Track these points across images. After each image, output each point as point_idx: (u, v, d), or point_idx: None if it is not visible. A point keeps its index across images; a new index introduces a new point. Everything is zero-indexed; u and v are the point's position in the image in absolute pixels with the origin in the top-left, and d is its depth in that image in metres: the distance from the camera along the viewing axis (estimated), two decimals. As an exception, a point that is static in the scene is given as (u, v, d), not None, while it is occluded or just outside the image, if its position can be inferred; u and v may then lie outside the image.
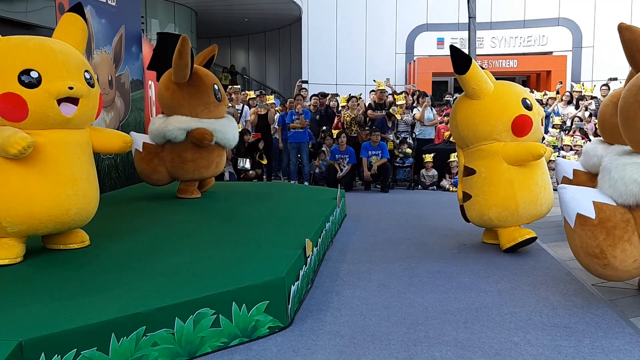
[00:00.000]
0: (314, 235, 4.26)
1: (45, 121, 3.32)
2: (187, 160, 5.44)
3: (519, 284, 3.96)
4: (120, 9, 6.83)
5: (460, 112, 4.80)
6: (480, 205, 4.72)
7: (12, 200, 3.28)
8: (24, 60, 3.24)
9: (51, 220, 3.42)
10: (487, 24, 19.05)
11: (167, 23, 16.73)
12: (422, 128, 10.26)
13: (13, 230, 3.36)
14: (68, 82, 3.32)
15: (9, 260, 3.38)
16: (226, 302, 2.87)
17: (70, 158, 3.47)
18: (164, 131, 5.34)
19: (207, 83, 5.48)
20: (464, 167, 4.88)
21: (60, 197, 3.39)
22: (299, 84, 12.62)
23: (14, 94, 3.18)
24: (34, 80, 3.22)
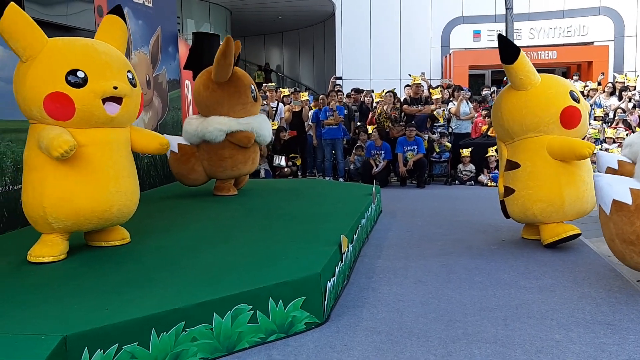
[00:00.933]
0: (350, 232, 4.25)
1: (90, 120, 3.41)
2: (225, 157, 5.51)
3: (561, 280, 3.87)
4: (157, 9, 6.95)
5: (506, 103, 4.65)
6: (524, 200, 4.58)
7: (58, 197, 3.37)
8: (70, 61, 3.34)
9: (95, 217, 3.51)
10: (525, 15, 18.64)
11: (203, 23, 16.95)
12: (458, 122, 10.13)
13: (59, 226, 3.45)
14: (112, 82, 3.41)
15: (53, 258, 3.48)
16: (263, 298, 2.89)
17: (113, 156, 3.57)
18: (204, 132, 5.40)
19: (246, 83, 5.57)
20: (507, 161, 4.73)
21: (104, 194, 3.49)
22: (332, 80, 12.62)
23: (62, 93, 3.28)
24: (81, 80, 3.32)
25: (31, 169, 3.42)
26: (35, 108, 3.32)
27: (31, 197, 3.41)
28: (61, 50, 3.38)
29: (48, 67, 3.30)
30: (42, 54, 3.32)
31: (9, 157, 4.40)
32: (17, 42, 3.26)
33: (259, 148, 5.94)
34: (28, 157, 3.45)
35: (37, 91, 3.29)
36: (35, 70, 3.30)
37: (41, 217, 3.41)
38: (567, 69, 19.41)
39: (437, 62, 19.99)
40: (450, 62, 18.77)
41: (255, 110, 5.73)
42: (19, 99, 3.39)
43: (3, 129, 4.35)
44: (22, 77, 3.34)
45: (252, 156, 5.71)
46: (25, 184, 3.48)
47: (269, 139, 5.87)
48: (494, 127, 5.05)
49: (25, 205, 3.49)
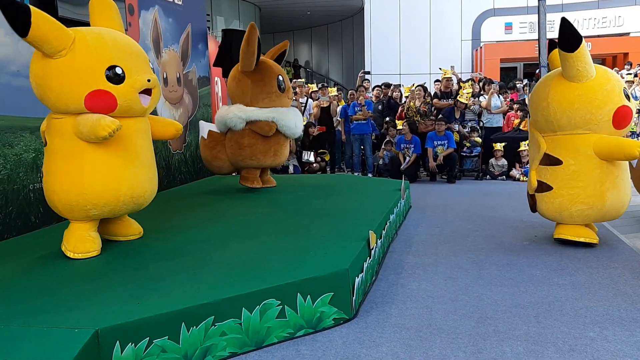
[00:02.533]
0: (378, 227, 4.23)
1: (127, 113, 3.49)
2: (244, 145, 5.54)
3: (595, 277, 3.78)
4: (187, 7, 7.01)
5: (557, 94, 4.30)
6: (563, 200, 4.35)
7: (100, 184, 3.42)
8: (108, 57, 3.36)
9: (132, 202, 3.60)
10: (558, 6, 18.21)
11: (232, 20, 17.06)
12: (489, 116, 9.96)
13: (95, 213, 3.49)
14: (145, 75, 3.49)
15: (96, 252, 3.56)
16: (291, 294, 2.90)
17: (144, 144, 3.69)
18: (225, 118, 5.50)
19: (272, 73, 5.57)
20: (545, 155, 4.45)
21: (140, 180, 3.61)
22: (361, 75, 12.56)
23: (105, 91, 3.33)
24: (120, 76, 3.37)
25: (67, 157, 3.40)
26: (73, 105, 3.33)
27: (67, 184, 3.40)
28: (94, 46, 3.36)
29: (86, 65, 3.30)
30: (74, 51, 3.29)
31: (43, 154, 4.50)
32: (48, 45, 3.22)
33: (287, 142, 5.89)
34: (62, 145, 3.42)
35: (77, 89, 3.30)
36: (72, 68, 3.28)
37: (78, 204, 3.43)
38: (602, 60, 18.90)
39: (467, 55, 19.71)
40: (481, 55, 18.49)
41: (283, 102, 5.67)
42: (51, 96, 3.34)
43: (38, 126, 4.43)
44: (55, 74, 3.29)
45: (275, 148, 5.66)
46: (56, 172, 3.44)
47: (295, 130, 5.73)
48: (533, 116, 4.65)
49: (55, 194, 3.45)
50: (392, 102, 10.65)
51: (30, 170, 4.37)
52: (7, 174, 4.14)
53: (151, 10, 6.22)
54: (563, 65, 4.27)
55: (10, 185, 4.17)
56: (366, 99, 10.03)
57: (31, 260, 3.55)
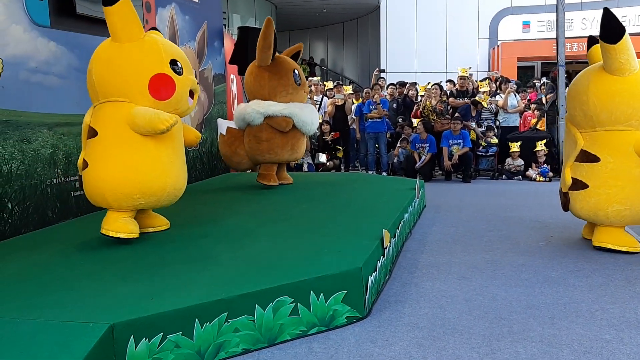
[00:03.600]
0: (392, 226, 4.21)
1: (177, 105, 3.70)
2: (262, 140, 5.57)
3: (612, 279, 3.73)
4: (203, 5, 7.04)
5: (597, 87, 4.13)
6: (599, 199, 4.18)
7: (149, 174, 3.58)
8: (171, 52, 3.69)
9: (173, 194, 3.78)
10: (577, 4, 17.98)
11: (248, 17, 17.10)
12: (505, 115, 9.88)
13: (141, 202, 3.64)
14: (194, 78, 3.83)
15: (137, 235, 3.69)
16: (304, 291, 2.90)
17: (182, 142, 3.92)
18: (244, 114, 5.56)
19: (287, 67, 5.63)
20: (582, 151, 4.27)
21: (182, 174, 3.84)
22: (376, 73, 12.53)
23: (168, 76, 3.59)
24: (179, 69, 3.67)
25: (120, 145, 3.52)
26: (138, 86, 3.53)
27: (120, 172, 3.51)
28: (161, 42, 3.71)
29: (155, 52, 3.60)
30: (143, 41, 3.60)
31: (61, 150, 4.56)
32: (124, 27, 3.51)
33: (303, 137, 5.90)
34: (108, 134, 3.53)
35: (144, 68, 3.55)
36: (142, 51, 3.57)
37: (129, 193, 3.55)
38: (622, 60, 18.62)
39: (484, 54, 19.54)
40: (499, 54, 18.33)
41: (300, 95, 5.73)
42: (118, 78, 3.54)
43: (56, 122, 4.51)
44: (125, 56, 3.54)
45: (292, 142, 5.69)
46: (107, 160, 3.53)
47: (311, 127, 5.76)
48: (570, 110, 4.44)
49: (105, 182, 3.53)
50: (408, 101, 10.61)
51: (47, 165, 4.42)
52: (25, 169, 4.20)
53: (168, 7, 6.26)
54: (605, 58, 4.10)
55: (28, 181, 4.22)
56: (381, 97, 10.00)
57: (48, 254, 3.59)
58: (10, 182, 4.05)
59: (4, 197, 4.00)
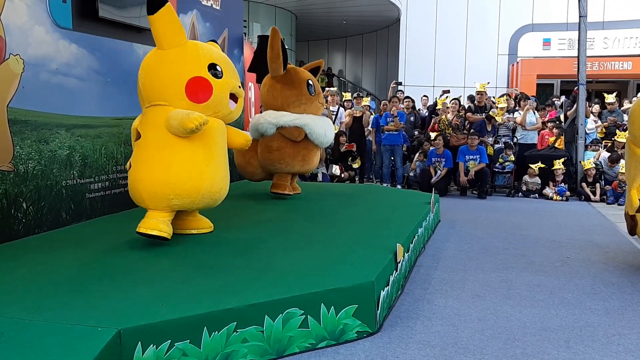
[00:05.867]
0: (406, 240, 4.16)
1: (216, 108, 3.79)
2: (273, 149, 5.57)
3: (629, 303, 3.64)
4: (224, 12, 7.08)
5: None
6: None
7: (185, 175, 3.65)
8: (211, 56, 3.78)
9: (209, 197, 3.81)
10: (599, 23, 17.84)
11: (268, 26, 17.05)
12: (523, 132, 9.78)
13: (176, 203, 3.70)
14: (237, 81, 3.91)
15: (169, 236, 3.72)
16: (315, 303, 2.86)
17: (223, 145, 3.96)
18: (257, 124, 5.57)
19: (301, 77, 5.60)
20: None
21: (218, 177, 3.85)
22: (393, 85, 12.50)
23: (205, 79, 3.69)
24: (219, 73, 3.76)
25: (158, 147, 3.65)
26: (175, 89, 3.64)
27: (155, 173, 3.63)
28: (202, 47, 3.83)
29: (193, 56, 3.72)
30: (184, 47, 3.74)
31: (77, 152, 4.58)
32: (167, 34, 3.68)
33: (316, 149, 5.85)
34: (154, 137, 3.67)
35: (182, 74, 3.66)
36: (181, 56, 3.70)
37: (163, 193, 3.62)
38: (643, 80, 18.43)
39: (503, 70, 19.43)
40: (518, 71, 18.20)
41: (314, 106, 5.66)
42: (156, 82, 3.70)
43: (73, 124, 4.53)
44: (165, 61, 3.69)
45: (303, 153, 5.64)
46: (146, 162, 3.67)
47: (324, 139, 5.68)
48: (634, 132, 4.35)
49: (142, 182, 3.65)
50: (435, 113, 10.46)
51: (63, 166, 4.44)
52: (41, 170, 4.22)
53: (189, 14, 6.30)
54: None
55: (43, 181, 4.24)
56: (399, 109, 9.96)
57: (60, 255, 3.58)
58: (26, 182, 4.07)
59: (19, 197, 4.02)
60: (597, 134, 10.21)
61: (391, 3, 17.18)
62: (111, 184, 4.97)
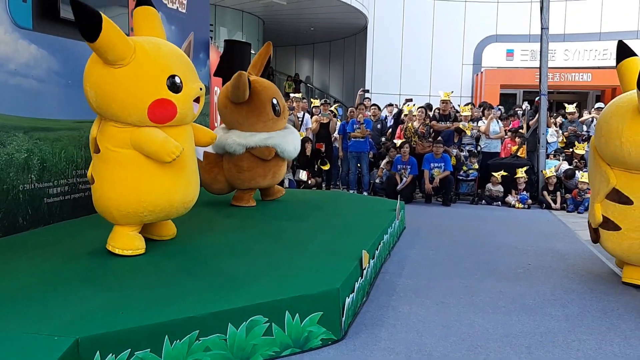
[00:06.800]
0: (371, 247, 4.17)
1: (182, 120, 3.62)
2: (243, 169, 5.44)
3: (589, 309, 3.72)
4: (190, 16, 7.00)
5: (634, 134, 3.87)
6: (632, 244, 4.07)
7: (156, 192, 3.54)
8: (168, 67, 3.47)
9: (182, 207, 3.76)
10: (560, 35, 18.39)
11: (235, 31, 17.11)
12: (487, 141, 9.97)
13: (149, 218, 3.62)
14: (197, 83, 3.64)
15: (143, 250, 3.64)
16: (279, 311, 2.83)
17: (191, 150, 3.84)
18: (224, 143, 5.36)
19: (265, 99, 5.35)
20: (614, 190, 4.11)
21: (190, 186, 3.77)
22: (360, 93, 12.58)
23: (167, 100, 3.43)
24: (179, 84, 3.49)
25: (125, 166, 3.47)
26: (136, 114, 3.39)
27: (125, 192, 3.49)
28: (155, 56, 3.45)
29: (150, 74, 3.39)
30: (137, 60, 3.36)
31: (36, 155, 4.44)
32: (113, 53, 3.27)
33: (285, 162, 5.82)
34: (110, 153, 3.47)
35: (142, 99, 3.37)
36: (136, 77, 3.35)
37: (135, 211, 3.53)
38: (602, 92, 19.05)
39: (468, 79, 19.82)
40: (482, 81, 18.59)
41: (280, 124, 5.55)
42: (114, 105, 3.37)
43: (32, 127, 4.39)
44: (120, 83, 3.34)
45: (274, 170, 5.59)
46: (113, 180, 3.50)
47: (294, 154, 5.67)
48: (600, 146, 4.23)
49: (112, 200, 3.51)
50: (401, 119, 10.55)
51: (21, 170, 4.30)
52: (-3, 173, 4.07)
53: (155, 16, 6.19)
54: None
55: (0, 185, 4.10)
56: (365, 117, 10.03)
57: (17, 262, 3.46)
58: (-19, 185, 3.93)
59: (-26, 201, 3.87)
60: (558, 143, 10.48)
61: (358, 11, 17.32)
62: (71, 188, 4.84)
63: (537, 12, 10.01)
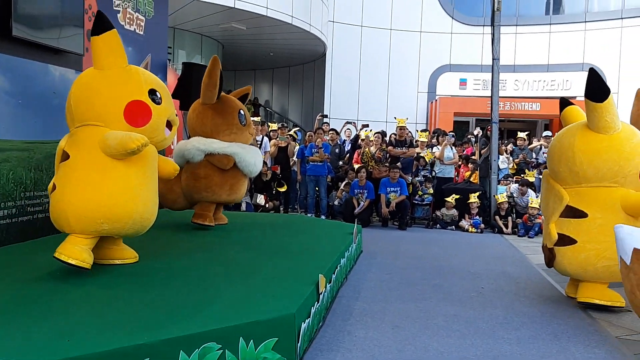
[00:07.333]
0: (328, 271, 4.16)
1: (152, 135, 3.69)
2: (200, 177, 5.41)
3: (540, 333, 3.80)
4: (148, 37, 6.95)
5: (584, 144, 4.20)
6: (588, 255, 4.18)
7: (116, 199, 3.51)
8: (152, 82, 3.77)
9: (140, 223, 3.70)
10: (510, 66, 19.09)
11: (194, 54, 17.04)
12: (441, 167, 10.20)
13: (105, 228, 3.55)
14: (173, 109, 3.89)
15: (89, 266, 3.54)
16: (233, 337, 2.77)
17: (155, 171, 3.88)
18: (183, 150, 5.36)
19: (233, 106, 5.53)
20: (568, 207, 4.28)
21: (150, 203, 3.77)
22: (319, 117, 12.70)
23: (144, 103, 3.64)
24: (158, 99, 3.72)
25: (90, 168, 3.50)
26: (114, 110, 3.56)
27: (86, 195, 3.47)
28: (143, 72, 3.82)
29: (135, 79, 3.69)
30: (126, 70, 3.71)
31: (-18, 176, 4.28)
32: (110, 56, 3.65)
33: (244, 179, 5.77)
34: (78, 158, 3.53)
35: (122, 94, 3.60)
36: (123, 77, 3.66)
37: (93, 216, 3.47)
38: (550, 121, 19.80)
39: (423, 107, 20.30)
40: (436, 108, 19.07)
41: (244, 136, 5.60)
42: (96, 101, 3.59)
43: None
44: (106, 81, 3.63)
45: (231, 182, 5.53)
46: (76, 183, 3.49)
47: (253, 168, 5.62)
48: (553, 167, 4.51)
49: (70, 204, 3.47)
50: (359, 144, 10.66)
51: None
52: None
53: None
54: (590, 117, 4.18)
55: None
56: (324, 141, 10.11)
57: (-45, 288, 3.30)
58: None
59: None
60: (509, 169, 10.80)
61: (317, 39, 17.55)
62: (18, 211, 4.66)
63: (488, 43, 10.38)
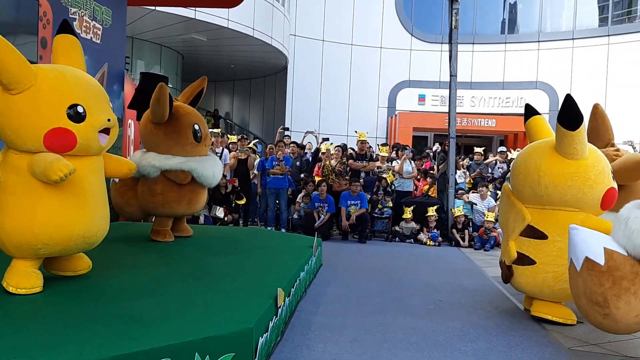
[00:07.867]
0: (287, 285, 4.13)
1: (86, 151, 3.49)
2: (156, 193, 5.30)
3: (495, 345, 3.86)
4: (105, 47, 6.83)
5: (550, 168, 4.19)
6: (546, 277, 4.22)
7: (53, 224, 3.36)
8: (69, 96, 3.36)
9: (84, 242, 3.56)
10: (467, 83, 19.58)
11: (153, 65, 16.82)
12: (400, 180, 10.31)
13: (45, 252, 3.43)
14: (105, 114, 3.50)
15: (39, 289, 3.46)
16: (188, 353, 2.71)
17: (99, 182, 3.68)
18: (139, 166, 5.22)
19: (185, 124, 5.34)
20: (529, 227, 4.33)
21: (94, 220, 3.59)
22: (280, 130, 12.70)
23: (65, 129, 3.31)
24: (82, 114, 3.37)
25: (20, 194, 3.32)
26: (31, 142, 3.29)
27: (18, 222, 3.32)
28: (56, 84, 3.36)
29: (48, 102, 3.29)
30: (36, 87, 3.27)
31: None
32: (8, 74, 3.17)
33: (203, 190, 5.69)
34: (8, 181, 3.35)
35: (37, 126, 3.27)
36: (33, 104, 3.26)
37: (28, 243, 3.35)
38: (505, 137, 20.36)
39: (383, 121, 20.57)
40: (396, 123, 19.35)
41: (200, 151, 5.49)
42: (9, 132, 3.29)
43: None
44: (15, 110, 3.25)
45: (189, 196, 5.46)
46: (8, 209, 3.34)
47: (212, 180, 5.55)
48: (517, 186, 4.52)
49: (4, 231, 3.34)
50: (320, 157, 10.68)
51: None
52: None
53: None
54: (560, 142, 4.16)
55: None
56: (284, 154, 10.09)
57: None
58: None
59: None
60: (466, 184, 11.02)
61: (279, 52, 17.59)
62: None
63: (446, 60, 10.62)
